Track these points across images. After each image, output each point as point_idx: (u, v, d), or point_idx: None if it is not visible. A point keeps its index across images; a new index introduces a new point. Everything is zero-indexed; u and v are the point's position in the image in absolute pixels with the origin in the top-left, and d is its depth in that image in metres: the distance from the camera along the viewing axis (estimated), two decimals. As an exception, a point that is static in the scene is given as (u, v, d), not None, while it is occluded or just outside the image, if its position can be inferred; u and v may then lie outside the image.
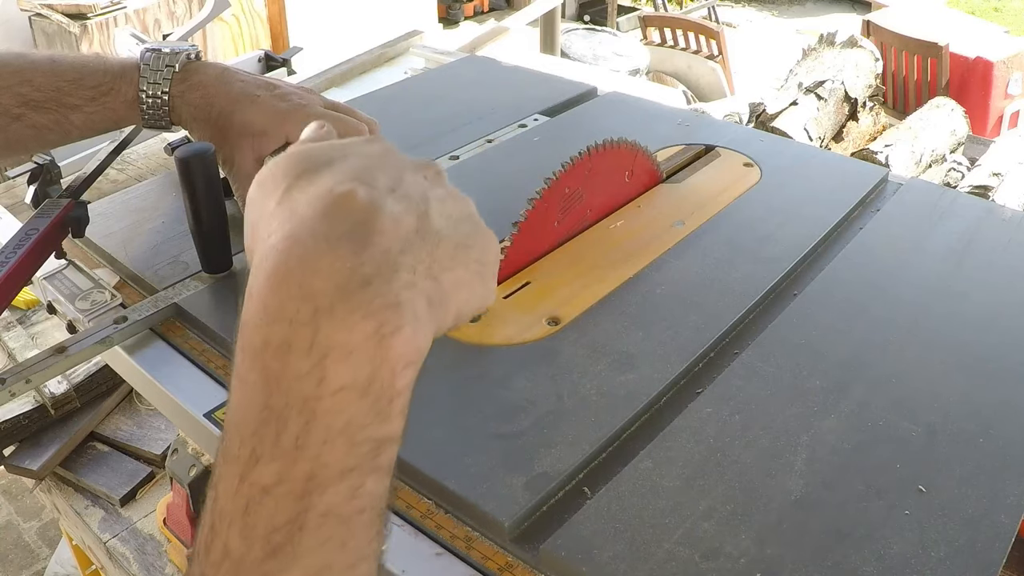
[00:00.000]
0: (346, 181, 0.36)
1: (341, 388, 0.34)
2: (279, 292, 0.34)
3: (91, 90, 0.76)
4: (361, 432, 0.35)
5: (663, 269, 0.75)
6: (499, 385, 0.62)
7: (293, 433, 0.34)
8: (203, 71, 0.78)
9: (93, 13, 2.84)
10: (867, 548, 0.50)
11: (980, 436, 0.58)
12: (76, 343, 0.69)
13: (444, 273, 0.38)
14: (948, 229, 0.82)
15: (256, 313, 0.35)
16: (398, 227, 0.36)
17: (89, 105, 0.76)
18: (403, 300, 0.35)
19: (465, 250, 0.40)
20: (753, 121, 2.25)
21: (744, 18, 6.54)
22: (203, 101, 0.77)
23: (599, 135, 0.78)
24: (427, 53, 1.35)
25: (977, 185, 1.85)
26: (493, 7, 6.24)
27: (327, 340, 0.34)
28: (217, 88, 0.77)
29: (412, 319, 0.35)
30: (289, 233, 0.35)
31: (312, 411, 0.34)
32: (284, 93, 0.79)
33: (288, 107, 0.77)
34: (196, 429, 0.64)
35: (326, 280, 0.34)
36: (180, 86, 0.77)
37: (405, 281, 0.35)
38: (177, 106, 0.78)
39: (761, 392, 0.62)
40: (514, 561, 0.51)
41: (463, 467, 0.55)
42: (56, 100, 0.75)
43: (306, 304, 0.34)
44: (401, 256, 0.36)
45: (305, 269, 0.34)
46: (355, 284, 0.34)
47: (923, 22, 3.16)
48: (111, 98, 0.77)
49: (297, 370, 0.34)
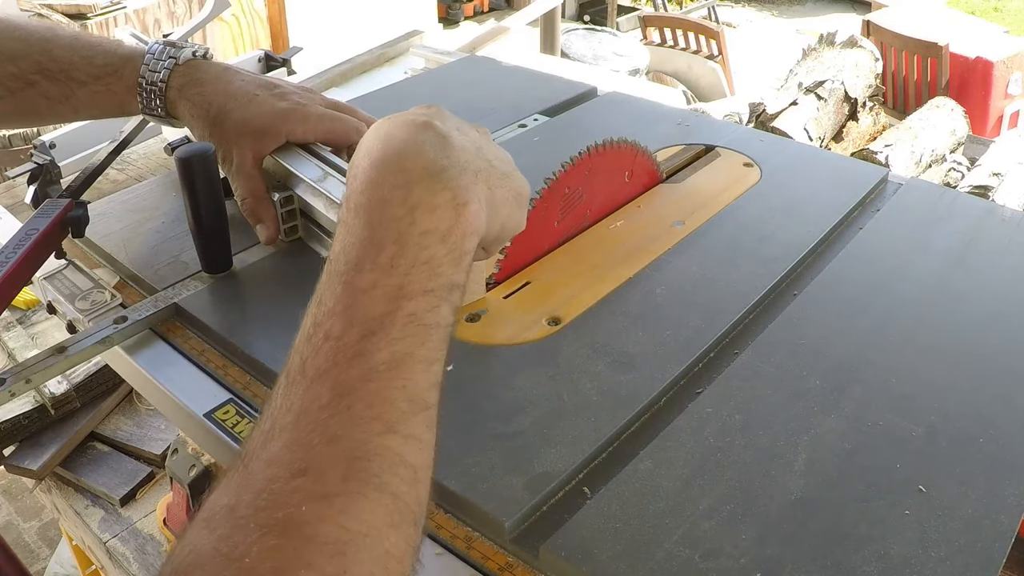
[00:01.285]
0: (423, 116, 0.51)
1: (426, 231, 0.46)
2: (381, 169, 0.48)
3: (99, 68, 0.78)
4: (439, 267, 0.46)
5: (663, 269, 0.75)
6: (499, 385, 0.62)
7: (389, 255, 0.45)
8: (204, 69, 0.79)
9: (93, 13, 2.84)
10: (867, 548, 0.50)
11: (980, 436, 0.58)
12: (76, 343, 0.69)
13: (495, 188, 0.52)
14: (948, 229, 0.82)
15: (361, 183, 0.48)
16: (463, 147, 0.51)
17: (95, 83, 0.78)
18: (470, 186, 0.49)
19: (507, 179, 0.54)
20: (753, 121, 2.25)
21: (744, 18, 6.55)
22: (201, 99, 0.77)
23: (599, 135, 0.78)
24: (427, 53, 1.35)
25: (977, 185, 1.85)
26: (493, 7, 6.25)
27: (417, 198, 0.46)
28: (216, 86, 0.78)
29: (476, 200, 0.49)
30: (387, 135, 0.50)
31: (404, 242, 0.45)
32: (283, 92, 0.79)
33: (287, 106, 0.77)
34: (196, 429, 0.64)
35: (416, 163, 0.48)
36: (179, 80, 0.78)
37: (470, 178, 0.49)
38: (175, 99, 0.78)
39: (761, 392, 0.62)
40: (514, 561, 0.51)
41: (463, 467, 0.55)
42: (67, 73, 0.78)
43: (402, 176, 0.47)
44: (466, 164, 0.50)
45: (401, 156, 0.48)
46: (437, 168, 0.48)
47: (923, 22, 3.16)
48: (114, 80, 0.78)
49: (394, 214, 0.46)
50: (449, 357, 0.46)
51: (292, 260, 0.78)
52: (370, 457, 0.39)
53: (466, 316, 0.69)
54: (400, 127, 0.50)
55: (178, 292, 0.74)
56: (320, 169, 0.74)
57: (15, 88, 0.78)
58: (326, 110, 0.79)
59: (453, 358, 0.65)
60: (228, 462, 0.62)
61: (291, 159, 0.76)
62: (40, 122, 0.84)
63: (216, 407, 0.63)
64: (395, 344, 0.42)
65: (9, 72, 0.77)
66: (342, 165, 0.75)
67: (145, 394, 0.72)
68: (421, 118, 0.51)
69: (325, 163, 0.75)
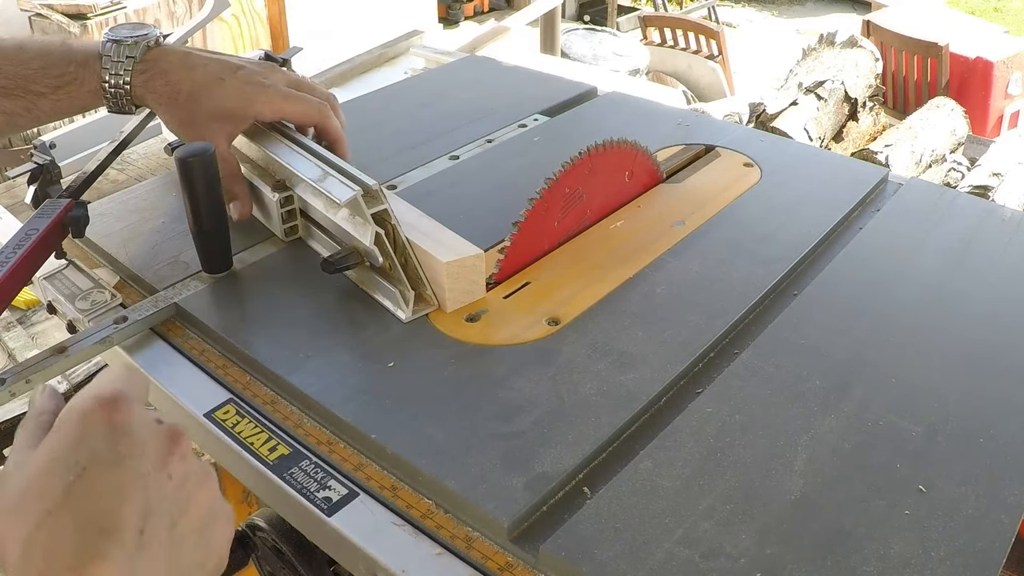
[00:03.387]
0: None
1: None
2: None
3: (56, 79, 0.78)
4: None
5: (663, 269, 0.75)
6: (499, 385, 0.62)
7: None
8: (165, 58, 0.80)
9: (93, 13, 2.84)
10: (867, 548, 0.50)
11: (980, 436, 0.58)
12: (76, 343, 0.69)
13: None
14: (948, 229, 0.82)
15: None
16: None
17: (55, 93, 0.78)
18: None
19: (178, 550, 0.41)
20: (753, 121, 2.25)
21: (744, 18, 6.54)
22: (168, 88, 0.79)
23: (599, 135, 0.78)
24: (427, 53, 1.35)
25: (977, 185, 1.85)
26: (493, 7, 6.24)
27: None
28: (180, 74, 0.79)
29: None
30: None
31: None
32: (248, 73, 0.81)
33: (253, 90, 0.79)
34: (196, 429, 0.64)
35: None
36: (141, 76, 0.79)
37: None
38: (140, 94, 0.79)
39: (761, 392, 0.62)
40: (514, 561, 0.51)
41: (463, 467, 0.55)
42: (23, 88, 0.77)
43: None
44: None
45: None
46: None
47: (923, 22, 3.16)
48: (75, 87, 0.79)
49: None
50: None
51: (292, 260, 0.78)
52: None
53: (466, 316, 0.69)
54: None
55: (178, 292, 0.74)
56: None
57: None
58: (289, 90, 0.82)
59: (454, 358, 0.65)
60: (228, 462, 0.62)
61: (259, 138, 0.80)
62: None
63: (216, 407, 0.63)
64: None
65: None
66: (307, 143, 0.79)
67: (145, 394, 0.72)
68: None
69: (291, 141, 0.79)
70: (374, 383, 0.63)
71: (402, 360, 0.65)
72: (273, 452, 0.59)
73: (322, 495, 0.56)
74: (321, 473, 0.57)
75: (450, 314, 0.69)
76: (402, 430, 0.58)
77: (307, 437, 0.60)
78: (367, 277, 0.73)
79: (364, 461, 0.58)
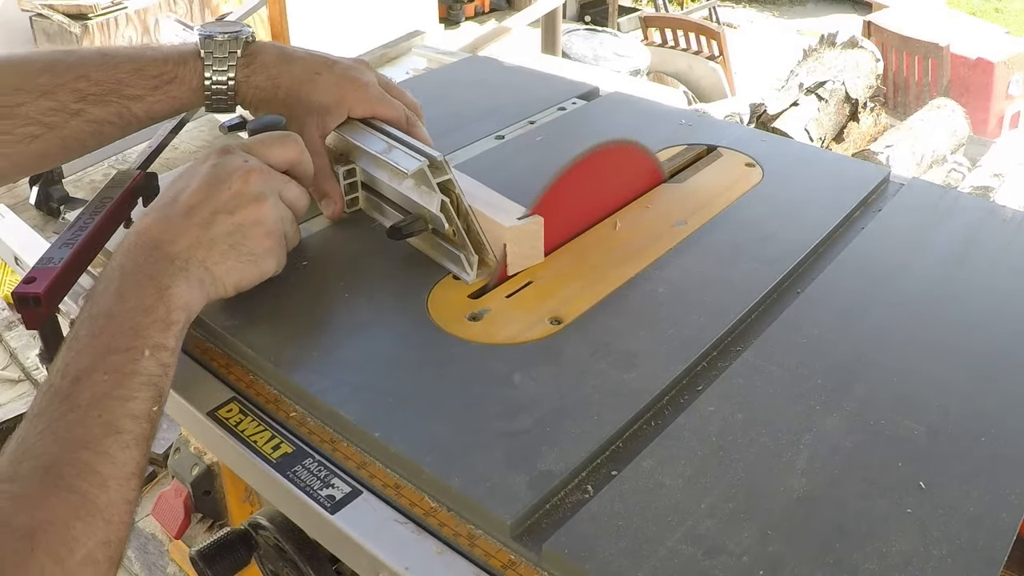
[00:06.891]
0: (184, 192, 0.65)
1: (132, 308, 0.58)
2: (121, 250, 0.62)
3: (153, 79, 0.77)
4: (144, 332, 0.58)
5: (665, 268, 0.75)
6: (502, 384, 0.62)
7: (100, 325, 0.57)
8: (264, 53, 0.80)
9: (94, 13, 2.84)
10: (869, 546, 0.50)
11: (982, 435, 0.58)
12: (79, 342, 0.69)
13: (215, 266, 0.63)
14: (949, 230, 0.82)
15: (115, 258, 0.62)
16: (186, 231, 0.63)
17: (152, 95, 0.77)
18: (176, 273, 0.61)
19: (235, 250, 0.65)
20: (754, 121, 2.26)
21: (745, 19, 6.55)
22: (269, 83, 0.79)
23: (601, 135, 0.78)
24: (429, 53, 1.35)
25: (978, 186, 1.85)
26: (494, 8, 6.25)
27: (126, 286, 0.59)
28: (280, 68, 0.79)
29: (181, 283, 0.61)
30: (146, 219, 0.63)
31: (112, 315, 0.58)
32: (344, 69, 0.81)
33: (349, 85, 0.80)
34: (198, 427, 0.64)
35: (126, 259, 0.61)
36: (245, 70, 0.79)
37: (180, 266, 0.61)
38: (243, 90, 0.79)
39: (763, 390, 0.62)
40: (517, 559, 0.51)
41: (466, 465, 0.55)
42: (116, 92, 0.76)
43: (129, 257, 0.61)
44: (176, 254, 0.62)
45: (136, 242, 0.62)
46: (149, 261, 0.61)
47: (924, 23, 3.16)
48: (174, 86, 0.78)
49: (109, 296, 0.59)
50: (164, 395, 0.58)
51: (294, 259, 0.78)
52: (62, 466, 0.50)
53: (468, 315, 0.69)
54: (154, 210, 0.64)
55: (181, 291, 0.74)
56: (384, 142, 0.76)
57: (56, 123, 0.74)
58: (383, 92, 0.82)
59: (455, 357, 0.66)
60: (231, 460, 0.62)
61: (353, 133, 0.80)
62: (81, 151, 0.79)
63: (219, 405, 0.64)
64: (95, 387, 0.54)
65: (46, 107, 0.73)
66: (402, 136, 0.78)
67: (148, 393, 0.72)
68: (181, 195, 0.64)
69: (387, 135, 0.78)
70: (377, 382, 0.63)
71: (405, 359, 0.65)
72: (276, 450, 0.59)
73: (325, 493, 0.56)
74: (324, 471, 0.57)
75: (452, 313, 0.70)
76: (405, 429, 0.58)
77: (310, 435, 0.60)
78: (432, 243, 0.75)
79: (367, 459, 0.58)
